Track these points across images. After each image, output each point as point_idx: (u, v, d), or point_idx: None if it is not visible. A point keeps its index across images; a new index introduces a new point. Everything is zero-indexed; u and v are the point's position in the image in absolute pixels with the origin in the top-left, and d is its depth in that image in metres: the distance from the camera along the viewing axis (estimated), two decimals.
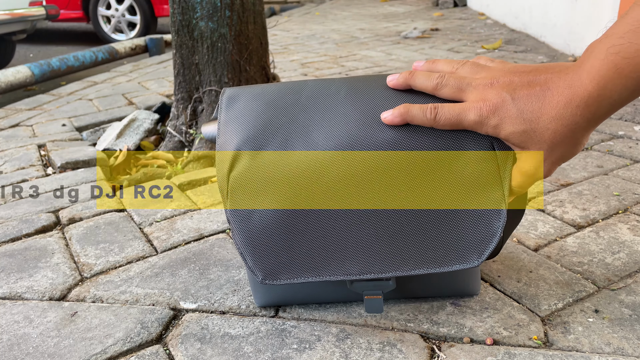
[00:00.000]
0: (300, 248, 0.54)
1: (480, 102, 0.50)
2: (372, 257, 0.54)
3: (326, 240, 0.54)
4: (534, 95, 0.48)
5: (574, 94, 0.46)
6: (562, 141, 0.49)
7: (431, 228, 0.53)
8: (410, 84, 0.56)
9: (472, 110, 0.51)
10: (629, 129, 1.29)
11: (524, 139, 0.49)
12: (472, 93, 0.52)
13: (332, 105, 0.57)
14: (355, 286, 0.57)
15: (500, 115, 0.49)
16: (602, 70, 0.44)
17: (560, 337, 0.58)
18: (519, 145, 0.51)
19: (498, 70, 0.52)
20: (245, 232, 0.54)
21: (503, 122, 0.49)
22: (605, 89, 0.45)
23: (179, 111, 1.38)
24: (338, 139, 0.54)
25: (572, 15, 2.28)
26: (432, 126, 0.53)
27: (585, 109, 0.46)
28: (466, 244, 0.53)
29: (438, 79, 0.54)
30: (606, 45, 0.44)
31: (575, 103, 0.46)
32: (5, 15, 3.05)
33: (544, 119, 0.48)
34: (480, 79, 0.52)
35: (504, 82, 0.50)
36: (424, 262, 0.53)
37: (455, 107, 0.52)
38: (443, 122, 0.52)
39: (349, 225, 0.53)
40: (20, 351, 0.60)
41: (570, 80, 0.47)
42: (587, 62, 0.46)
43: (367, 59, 2.51)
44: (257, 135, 0.56)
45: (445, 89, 0.53)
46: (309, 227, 0.54)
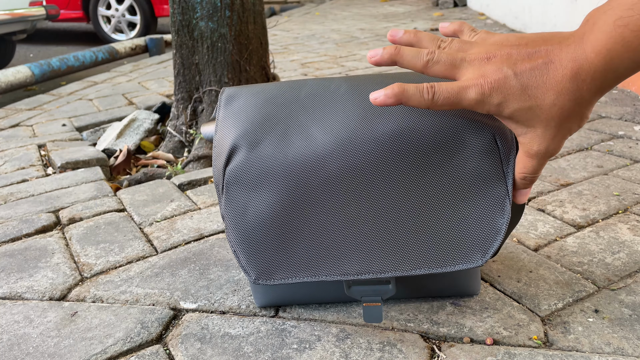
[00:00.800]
0: (296, 246, 0.52)
1: (479, 78, 0.47)
2: (371, 257, 0.52)
3: (323, 238, 0.52)
4: (537, 69, 0.46)
5: (579, 67, 0.44)
6: (569, 115, 0.47)
7: (432, 226, 0.52)
8: (396, 60, 0.50)
9: (473, 88, 0.47)
10: (629, 129, 1.29)
11: (529, 116, 0.47)
12: (467, 70, 0.48)
13: (332, 101, 0.56)
14: (353, 291, 0.55)
15: (503, 92, 0.46)
16: (608, 43, 0.42)
17: (560, 337, 0.58)
18: (524, 122, 0.48)
19: (490, 43, 0.49)
20: (240, 229, 0.53)
21: (507, 100, 0.47)
22: (612, 62, 0.43)
23: (179, 111, 1.38)
24: (337, 133, 0.53)
25: (572, 15, 2.28)
26: (429, 107, 0.49)
27: (591, 83, 0.45)
28: (469, 243, 0.52)
29: (429, 55, 0.49)
30: (612, 18, 0.42)
31: (581, 77, 0.44)
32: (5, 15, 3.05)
33: (549, 93, 0.46)
34: (474, 53, 0.48)
35: (501, 55, 0.47)
36: (425, 261, 0.52)
37: (454, 85, 0.48)
38: (442, 101, 0.48)
39: (347, 223, 0.52)
40: (20, 351, 0.60)
41: (574, 53, 0.45)
42: (590, 34, 0.44)
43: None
44: (254, 129, 0.55)
45: (437, 65, 0.49)
46: (305, 224, 0.52)
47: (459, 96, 0.47)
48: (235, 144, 0.54)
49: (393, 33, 0.54)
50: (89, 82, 2.30)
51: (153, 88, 2.09)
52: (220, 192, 0.54)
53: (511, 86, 0.46)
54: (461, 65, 0.48)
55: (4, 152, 1.39)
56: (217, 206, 0.97)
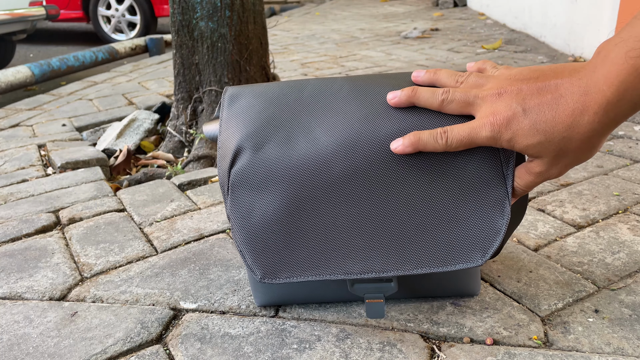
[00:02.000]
0: (301, 246, 0.53)
1: (490, 116, 0.48)
2: (373, 256, 0.53)
3: (327, 238, 0.53)
4: (546, 104, 0.46)
5: (591, 100, 0.45)
6: (579, 147, 0.47)
7: (433, 226, 0.53)
8: (414, 102, 0.53)
9: (484, 127, 0.49)
10: (629, 129, 1.29)
11: (539, 149, 0.48)
12: (480, 107, 0.50)
13: (334, 102, 0.57)
14: (356, 289, 0.56)
15: (513, 129, 0.47)
16: (621, 75, 0.43)
17: (560, 337, 0.58)
18: (536, 155, 0.49)
19: (504, 78, 0.50)
20: (246, 230, 0.54)
21: (517, 136, 0.48)
22: (626, 93, 0.43)
23: (179, 111, 1.38)
24: (340, 135, 0.53)
25: (572, 15, 2.28)
26: (444, 150, 0.51)
27: (604, 115, 0.45)
28: (469, 243, 0.52)
29: (443, 94, 0.52)
30: (624, 49, 0.42)
31: (592, 110, 0.45)
32: (5, 15, 3.05)
33: (558, 128, 0.46)
34: (487, 89, 0.50)
35: (512, 91, 0.48)
36: (426, 261, 0.53)
37: (465, 127, 0.50)
38: (456, 144, 0.50)
39: (350, 223, 0.53)
40: (20, 351, 0.60)
41: (586, 87, 0.45)
42: (602, 67, 0.44)
43: (367, 59, 2.51)
44: (259, 131, 0.55)
45: (452, 104, 0.51)
46: (310, 224, 0.53)
47: (471, 137, 0.50)
48: (239, 146, 0.55)
49: (416, 75, 0.56)
50: (89, 82, 2.30)
51: (153, 88, 2.09)
52: (225, 193, 0.55)
53: (520, 122, 0.47)
54: (474, 102, 0.50)
55: (4, 152, 1.39)
56: (217, 206, 0.97)
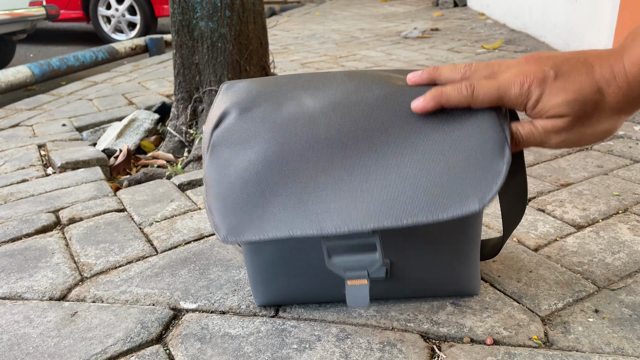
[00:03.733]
0: (275, 202, 0.50)
1: (520, 75, 0.48)
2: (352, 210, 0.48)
3: (305, 195, 0.50)
4: (577, 70, 0.48)
5: (618, 72, 0.47)
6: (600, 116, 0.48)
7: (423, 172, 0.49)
8: (435, 78, 0.53)
9: (514, 85, 0.48)
10: (629, 129, 1.29)
11: (565, 109, 0.47)
12: (506, 72, 0.50)
13: (328, 84, 0.57)
14: (334, 263, 0.52)
15: (543, 87, 0.47)
16: None
17: (560, 337, 0.58)
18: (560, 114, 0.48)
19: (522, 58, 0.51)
20: (220, 185, 0.51)
21: (546, 94, 0.47)
22: None
23: (179, 111, 1.38)
24: (330, 98, 0.53)
25: (572, 15, 2.28)
26: (469, 104, 0.50)
27: (628, 90, 0.47)
28: (465, 185, 0.48)
29: (465, 68, 0.52)
30: None
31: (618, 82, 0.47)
32: (5, 15, 3.05)
33: (589, 90, 0.47)
34: (511, 62, 0.50)
35: (542, 58, 0.49)
36: (412, 209, 0.47)
37: (494, 82, 0.49)
38: (482, 98, 0.49)
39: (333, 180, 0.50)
40: (20, 351, 0.60)
41: (614, 63, 0.47)
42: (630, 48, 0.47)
43: (367, 59, 2.51)
44: (248, 98, 0.55)
45: (477, 72, 0.51)
46: (287, 179, 0.50)
47: (499, 91, 0.49)
48: (226, 110, 0.55)
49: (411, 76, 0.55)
50: (89, 82, 2.30)
51: (153, 88, 2.09)
52: (205, 152, 0.54)
53: (551, 82, 0.48)
54: (499, 70, 0.50)
55: (4, 152, 1.39)
56: None
